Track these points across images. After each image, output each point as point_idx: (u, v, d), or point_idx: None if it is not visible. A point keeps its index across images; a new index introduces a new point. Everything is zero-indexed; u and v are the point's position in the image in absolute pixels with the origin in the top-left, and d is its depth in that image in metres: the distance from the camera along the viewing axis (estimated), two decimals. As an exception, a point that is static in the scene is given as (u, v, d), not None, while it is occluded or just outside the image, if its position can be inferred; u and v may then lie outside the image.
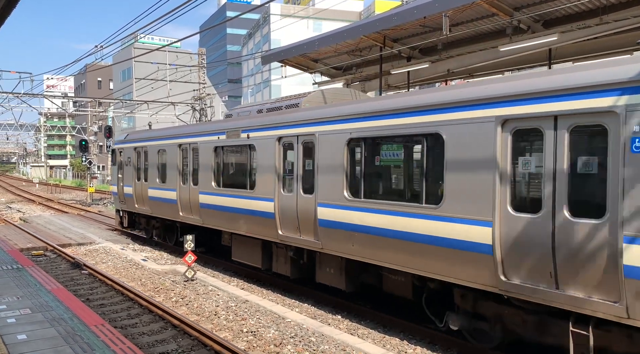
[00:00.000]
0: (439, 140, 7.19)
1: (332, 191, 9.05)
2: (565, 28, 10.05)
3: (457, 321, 7.62)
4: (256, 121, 11.31)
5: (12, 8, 8.09)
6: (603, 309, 5.52)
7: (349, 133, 8.74)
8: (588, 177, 5.79)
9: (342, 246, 8.97)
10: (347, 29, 13.14)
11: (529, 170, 6.35)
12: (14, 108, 36.80)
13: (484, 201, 6.57)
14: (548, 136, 6.01)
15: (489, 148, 6.51)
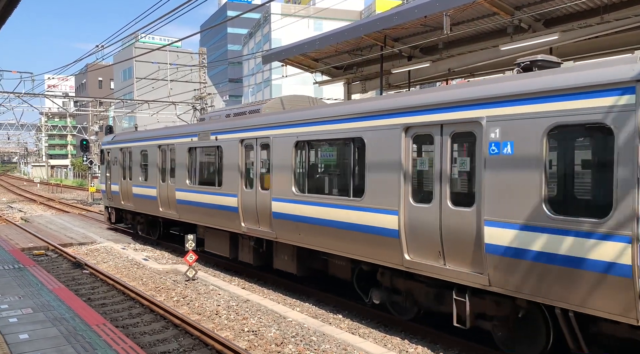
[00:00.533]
0: (362, 143, 8.59)
1: (283, 187, 10.27)
2: (566, 27, 10.05)
3: (378, 296, 9.00)
4: (223, 125, 12.56)
5: (13, 8, 8.10)
6: (473, 280, 6.94)
7: (296, 137, 9.97)
8: (463, 174, 7.34)
9: (292, 235, 10.19)
10: (347, 28, 13.14)
11: (424, 168, 7.86)
12: (15, 108, 36.86)
13: (393, 194, 7.97)
14: (437, 141, 7.42)
15: (396, 150, 7.93)
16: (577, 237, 5.73)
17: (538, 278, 6.12)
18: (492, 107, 6.57)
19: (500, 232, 6.45)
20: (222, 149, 12.28)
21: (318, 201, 9.45)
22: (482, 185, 6.67)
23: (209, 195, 12.81)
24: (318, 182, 10.02)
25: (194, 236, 12.57)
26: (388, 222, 8.00)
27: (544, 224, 6.02)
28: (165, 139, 15.18)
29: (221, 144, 12.35)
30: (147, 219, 17.52)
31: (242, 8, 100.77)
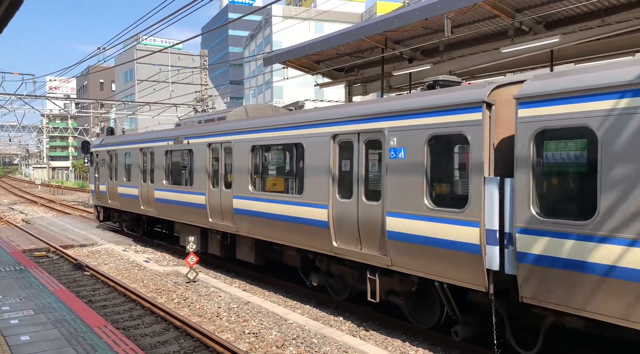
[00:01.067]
0: (302, 148, 9.96)
1: (242, 186, 11.72)
2: (567, 29, 10.06)
3: (317, 279, 10.50)
4: (194, 130, 14.01)
5: (15, 11, 8.13)
6: (379, 261, 8.40)
7: (252, 142, 11.45)
8: (374, 174, 8.70)
9: (250, 228, 11.60)
10: (349, 30, 13.16)
11: (347, 169, 9.17)
12: (16, 110, 36.93)
13: (324, 191, 9.44)
14: (355, 147, 8.86)
15: (326, 154, 9.38)
16: (448, 224, 7.28)
17: (423, 257, 7.70)
18: (391, 120, 8.15)
19: (397, 221, 8.03)
20: (193, 152, 13.70)
21: (269, 198, 10.92)
22: (384, 183, 8.22)
23: (182, 194, 14.25)
24: (269, 181, 11.42)
25: (194, 238, 12.61)
26: (321, 215, 9.50)
27: (425, 213, 7.60)
28: (146, 143, 16.56)
29: (192, 147, 13.78)
30: (131, 216, 18.79)
31: (244, 10, 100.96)
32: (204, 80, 37.84)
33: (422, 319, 8.53)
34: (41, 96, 33.75)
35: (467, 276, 7.05)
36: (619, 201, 5.50)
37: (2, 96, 31.76)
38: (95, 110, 40.27)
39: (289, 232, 10.35)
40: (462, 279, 7.15)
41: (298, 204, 10.04)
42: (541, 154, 6.32)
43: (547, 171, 6.30)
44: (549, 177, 6.35)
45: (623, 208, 5.45)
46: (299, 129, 10.10)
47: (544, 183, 6.35)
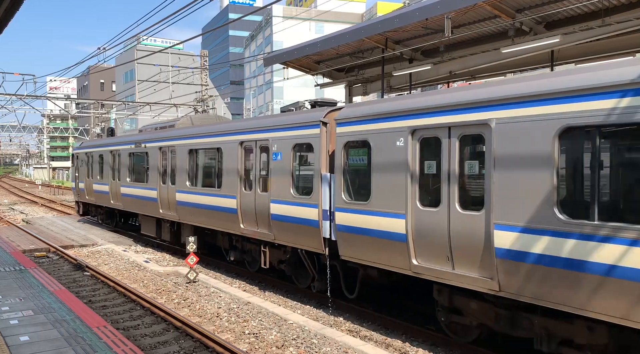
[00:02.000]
0: (221, 152, 12.60)
1: (183, 182, 14.27)
2: (568, 30, 10.03)
3: (233, 255, 13.04)
4: (150, 136, 16.71)
5: (15, 11, 8.12)
6: (267, 237, 11.01)
7: (189, 146, 14.07)
8: (265, 173, 11.03)
9: (189, 217, 14.14)
10: (349, 31, 13.14)
11: (250, 168, 11.77)
12: (17, 110, 36.92)
13: (234, 185, 11.92)
14: (254, 150, 11.40)
15: (235, 157, 11.94)
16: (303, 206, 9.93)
17: (291, 232, 10.19)
18: (273, 132, 10.78)
19: (276, 206, 10.56)
20: (149, 155, 16.38)
21: (200, 191, 13.51)
22: (270, 179, 10.75)
23: (141, 189, 16.87)
24: (201, 177, 13.86)
25: (195, 239, 12.62)
26: (231, 204, 12.07)
27: (290, 200, 10.17)
28: (115, 146, 19.19)
29: (148, 150, 16.46)
30: (105, 210, 21.59)
31: (244, 10, 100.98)
32: (205, 80, 37.85)
33: (301, 280, 11.24)
34: (42, 96, 33.76)
35: (314, 244, 9.77)
36: (381, 189, 8.37)
37: (3, 96, 31.78)
38: (95, 110, 40.30)
39: (214, 219, 12.89)
40: (311, 246, 9.88)
41: (218, 196, 12.63)
42: (347, 158, 9.12)
43: (350, 170, 9.11)
44: (351, 174, 9.10)
45: (383, 194, 8.32)
46: (219, 137, 12.75)
47: (348, 178, 9.13)
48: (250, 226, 11.55)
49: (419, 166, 7.77)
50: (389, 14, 12.25)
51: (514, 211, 6.40)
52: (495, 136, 6.62)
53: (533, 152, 6.19)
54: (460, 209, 7.08)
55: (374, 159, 8.42)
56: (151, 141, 16.30)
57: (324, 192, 9.47)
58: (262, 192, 11.11)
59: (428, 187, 7.71)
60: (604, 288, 5.60)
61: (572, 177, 6.06)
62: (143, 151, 16.70)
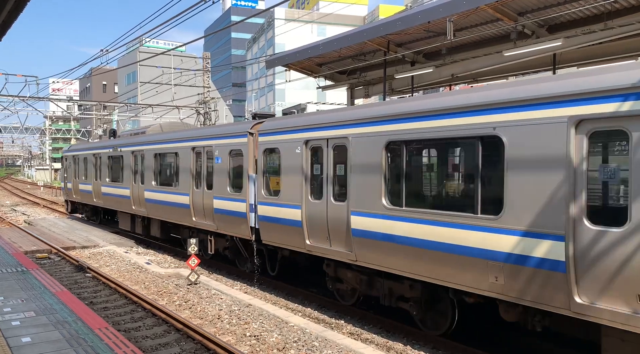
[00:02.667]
0: (178, 156, 14.91)
1: (150, 182, 16.57)
2: (570, 33, 10.04)
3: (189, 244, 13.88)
4: (125, 141, 19.20)
5: (18, 13, 8.16)
6: (210, 227, 13.18)
7: (155, 150, 16.38)
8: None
9: (154, 212, 16.41)
10: (351, 33, 13.16)
11: (200, 170, 13.94)
12: (19, 111, 37.01)
13: (187, 183, 14.26)
14: (202, 155, 13.70)
15: (188, 160, 14.29)
16: (236, 201, 12.12)
17: (229, 223, 12.36)
18: (216, 140, 13.10)
19: (218, 202, 12.81)
20: (123, 158, 18.72)
21: (163, 189, 15.70)
22: (214, 178, 12.97)
23: (117, 188, 19.15)
24: (164, 178, 15.97)
25: (196, 240, 12.63)
26: (186, 200, 14.32)
27: (227, 196, 12.38)
28: (97, 150, 21.62)
29: (123, 154, 18.83)
30: (90, 207, 23.94)
31: (246, 13, 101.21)
32: (207, 82, 37.91)
33: (241, 263, 13.26)
34: (44, 97, 33.84)
35: (244, 232, 11.89)
36: (287, 186, 10.48)
37: (6, 97, 31.86)
38: (97, 112, 40.38)
39: (174, 213, 15.09)
40: (242, 234, 12.02)
41: (176, 194, 14.95)
42: (265, 162, 11.32)
43: (267, 171, 11.31)
44: (268, 174, 11.29)
45: (288, 190, 10.46)
46: (177, 143, 15.06)
47: (267, 178, 11.26)
48: (200, 219, 13.79)
49: (310, 168, 10.07)
50: (391, 17, 12.27)
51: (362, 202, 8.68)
52: (351, 147, 8.97)
53: (371, 160, 8.62)
54: (333, 201, 9.45)
55: (282, 162, 10.74)
56: (125, 145, 18.72)
57: (250, 189, 11.70)
58: (207, 190, 13.35)
59: (315, 184, 9.98)
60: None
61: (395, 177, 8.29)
62: (119, 154, 19.12)
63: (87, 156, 22.59)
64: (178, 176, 14.86)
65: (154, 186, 16.27)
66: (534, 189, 6.15)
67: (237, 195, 12.03)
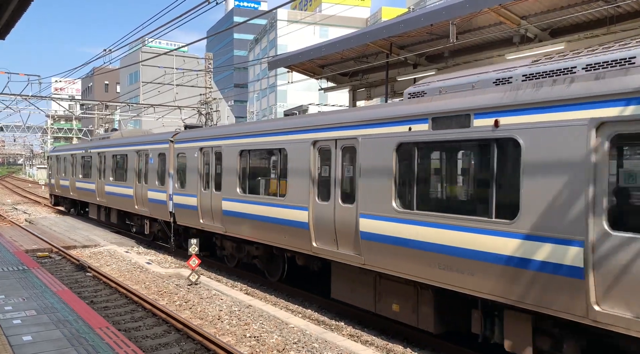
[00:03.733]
0: (127, 157, 18.62)
1: (108, 177, 20.33)
2: (573, 37, 10.05)
3: (135, 228, 19.08)
4: (93, 144, 23.34)
5: (22, 12, 8.18)
6: (145, 213, 17.18)
7: (113, 153, 20.15)
8: (163, 171, 15.92)
9: (112, 203, 20.09)
10: (354, 35, 13.18)
11: (142, 168, 17.57)
12: (22, 110, 37.08)
13: (132, 179, 17.85)
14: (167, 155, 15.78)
15: (134, 160, 17.99)
16: (158, 192, 16.14)
17: (156, 209, 16.08)
18: (150, 145, 16.70)
19: (151, 193, 16.48)
20: (92, 158, 22.54)
21: (118, 184, 19.30)
22: (148, 174, 16.95)
23: (86, 183, 23.01)
24: (118, 174, 19.59)
25: (197, 241, 12.65)
26: (131, 192, 17.97)
27: (157, 188, 15.96)
28: (73, 151, 25.64)
29: (92, 154, 22.66)
30: (69, 200, 27.50)
31: (249, 14, 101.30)
32: (209, 83, 37.95)
33: (167, 242, 16.37)
34: (46, 96, 33.91)
35: (165, 216, 15.67)
36: (189, 180, 14.18)
37: (8, 96, 31.92)
38: (99, 111, 40.40)
39: (123, 203, 18.83)
40: (165, 217, 15.81)
41: (125, 187, 18.56)
42: (177, 162, 15.04)
43: (178, 169, 14.92)
44: (179, 172, 14.88)
45: (190, 184, 14.15)
46: (126, 147, 18.87)
47: (179, 174, 14.89)
48: (140, 207, 17.49)
49: (203, 165, 13.75)
50: (394, 19, 12.29)
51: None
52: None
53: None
54: (215, 191, 13.15)
55: (187, 163, 14.45)
56: (93, 148, 22.74)
57: (170, 183, 15.33)
58: (145, 184, 17.05)
59: (206, 179, 13.64)
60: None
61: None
62: (89, 155, 22.99)
63: (66, 156, 26.48)
64: (127, 173, 18.50)
65: (111, 181, 19.96)
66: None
67: (162, 188, 15.80)
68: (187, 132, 15.16)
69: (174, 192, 14.99)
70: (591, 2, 9.32)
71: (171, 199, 15.16)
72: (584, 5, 9.37)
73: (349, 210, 8.61)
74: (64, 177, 26.52)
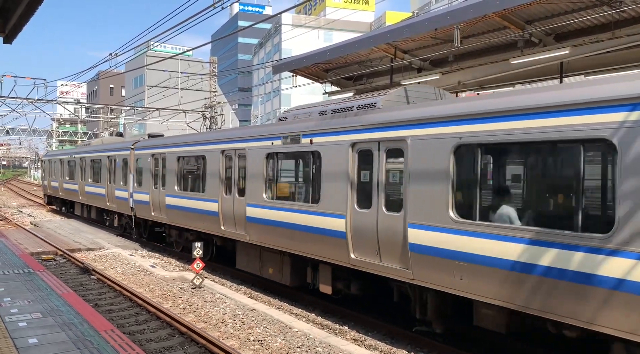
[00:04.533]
0: (101, 161, 22.11)
1: (88, 179, 23.56)
2: (577, 42, 10.03)
3: (108, 222, 22.64)
4: (77, 150, 27.39)
5: (29, 16, 8.24)
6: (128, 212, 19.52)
7: (91, 157, 23.29)
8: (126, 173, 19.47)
9: (91, 201, 23.44)
10: (358, 39, 13.21)
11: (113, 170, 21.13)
12: (27, 114, 37.33)
13: (105, 181, 21.40)
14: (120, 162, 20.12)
15: (106, 165, 21.40)
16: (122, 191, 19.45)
17: (121, 205, 19.50)
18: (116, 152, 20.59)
19: (116, 192, 20.24)
20: (75, 162, 25.98)
21: (96, 184, 22.50)
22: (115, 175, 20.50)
23: (71, 184, 26.51)
24: (95, 176, 22.69)
25: (201, 244, 12.67)
26: (103, 191, 21.30)
27: (121, 187, 19.48)
28: (62, 156, 29.37)
29: (75, 159, 26.10)
30: (59, 199, 30.66)
31: (254, 18, 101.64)
32: (213, 87, 38.09)
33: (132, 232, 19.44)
34: (52, 100, 34.12)
35: (127, 210, 18.68)
36: (144, 179, 17.59)
37: (14, 99, 32.14)
38: (105, 115, 40.62)
39: (98, 200, 22.26)
40: (127, 212, 18.70)
41: (99, 187, 21.90)
42: (137, 166, 17.96)
43: (137, 171, 17.76)
44: (138, 174, 17.82)
45: (145, 182, 17.61)
46: (100, 153, 22.16)
47: (138, 175, 17.65)
48: (111, 204, 20.70)
49: (155, 169, 16.87)
50: (398, 24, 12.31)
51: None
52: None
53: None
54: (161, 188, 16.43)
55: (142, 166, 17.70)
56: (77, 153, 26.49)
57: (131, 182, 18.35)
58: (113, 184, 20.36)
59: (156, 179, 16.81)
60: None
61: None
62: (73, 159, 26.61)
63: (56, 160, 30.30)
64: (101, 175, 21.81)
65: (90, 182, 23.36)
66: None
67: (124, 187, 18.95)
68: (145, 142, 19.03)
69: (134, 191, 18.35)
70: (596, 7, 9.32)
71: (132, 197, 18.32)
72: (588, 10, 9.36)
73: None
74: (54, 179, 30.28)
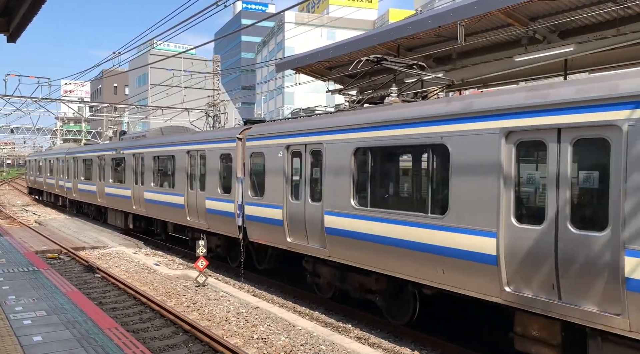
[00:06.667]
0: (92, 161, 23.45)
1: (82, 178, 24.87)
2: (582, 39, 9.99)
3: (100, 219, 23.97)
4: (54, 152, 31.71)
5: (33, 15, 8.26)
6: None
7: (83, 158, 25.06)
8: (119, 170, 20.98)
9: (80, 196, 25.44)
10: (361, 37, 13.19)
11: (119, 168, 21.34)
12: (31, 112, 37.45)
13: (96, 177, 22.74)
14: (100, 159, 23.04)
15: (96, 162, 22.88)
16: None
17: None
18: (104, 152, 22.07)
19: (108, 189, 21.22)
20: (57, 161, 29.00)
21: (86, 182, 24.02)
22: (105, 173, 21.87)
23: (61, 182, 28.87)
24: (86, 174, 24.10)
25: (204, 242, 12.69)
26: (93, 188, 22.71)
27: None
28: (47, 155, 33.51)
29: (54, 159, 29.78)
30: (44, 192, 35.20)
31: (257, 16, 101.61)
32: (216, 85, 38.11)
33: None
34: (56, 99, 34.20)
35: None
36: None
37: (18, 98, 32.24)
38: (108, 113, 40.74)
39: (90, 197, 23.80)
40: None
41: (91, 184, 23.07)
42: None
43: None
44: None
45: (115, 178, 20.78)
46: (88, 153, 23.87)
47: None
48: (101, 200, 22.25)
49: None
50: (402, 21, 12.28)
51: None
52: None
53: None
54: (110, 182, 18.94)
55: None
56: (54, 154, 30.78)
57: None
58: (103, 182, 21.71)
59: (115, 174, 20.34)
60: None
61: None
62: (54, 159, 30.68)
63: (42, 160, 34.70)
64: (92, 173, 23.07)
65: (81, 181, 24.87)
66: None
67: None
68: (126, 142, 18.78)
69: (105, 185, 19.04)
70: (600, 4, 9.26)
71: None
72: (593, 6, 9.31)
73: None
74: (40, 175, 35.97)
